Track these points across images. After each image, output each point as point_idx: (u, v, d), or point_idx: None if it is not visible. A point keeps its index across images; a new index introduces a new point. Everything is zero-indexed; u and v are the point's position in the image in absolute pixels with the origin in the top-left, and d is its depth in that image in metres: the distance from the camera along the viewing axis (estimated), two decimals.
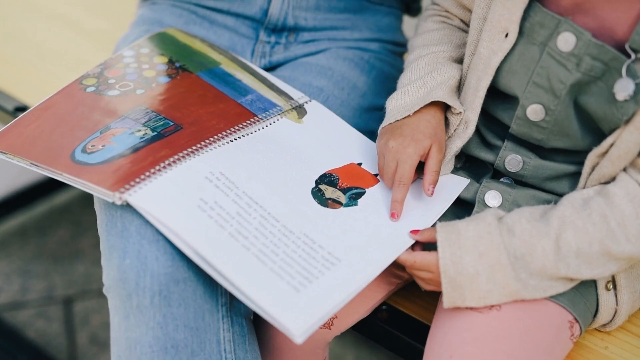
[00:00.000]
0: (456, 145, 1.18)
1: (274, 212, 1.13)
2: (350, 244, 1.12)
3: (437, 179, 1.17)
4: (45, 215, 2.52)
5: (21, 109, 1.59)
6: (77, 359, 2.05)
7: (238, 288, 1.03)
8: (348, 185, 1.21)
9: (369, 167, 1.25)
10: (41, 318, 2.16)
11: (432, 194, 1.16)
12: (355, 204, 1.19)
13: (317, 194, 1.19)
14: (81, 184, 1.10)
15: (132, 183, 1.09)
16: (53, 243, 2.41)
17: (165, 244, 1.10)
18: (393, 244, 1.13)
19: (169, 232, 1.08)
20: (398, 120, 1.19)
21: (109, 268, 1.13)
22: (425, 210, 1.18)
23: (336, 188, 1.20)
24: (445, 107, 1.21)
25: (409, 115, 1.18)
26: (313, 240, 1.11)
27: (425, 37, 1.28)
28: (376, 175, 1.23)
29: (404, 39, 1.55)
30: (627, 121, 1.03)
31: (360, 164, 1.25)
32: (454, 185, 1.21)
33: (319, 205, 1.17)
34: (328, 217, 1.16)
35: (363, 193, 1.20)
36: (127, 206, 1.11)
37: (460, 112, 1.17)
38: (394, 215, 1.16)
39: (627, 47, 1.02)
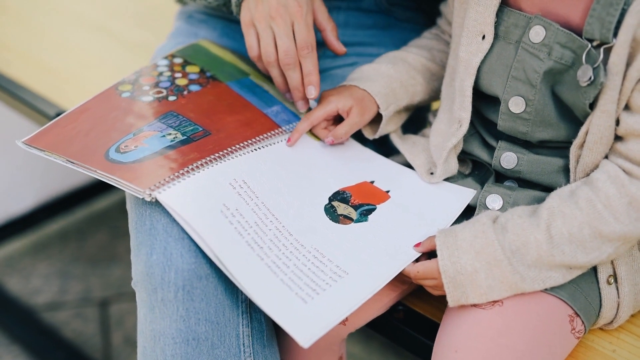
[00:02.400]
0: (451, 142, 1.22)
1: (288, 226, 1.17)
2: (358, 257, 1.15)
3: (341, 136, 1.29)
4: (84, 219, 2.55)
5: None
6: (111, 359, 2.08)
7: (249, 294, 1.07)
8: (360, 202, 1.24)
9: (382, 184, 1.28)
10: (78, 318, 2.20)
11: (329, 142, 1.29)
12: (366, 220, 1.22)
13: (330, 211, 1.22)
14: (114, 180, 1.13)
15: (161, 182, 1.13)
16: (91, 247, 2.44)
17: (190, 242, 1.13)
18: (399, 258, 1.16)
19: (192, 232, 1.11)
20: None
21: (137, 263, 1.16)
22: (431, 226, 1.20)
23: (348, 205, 1.24)
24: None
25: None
26: (323, 254, 1.15)
27: (415, 41, 1.39)
28: (387, 192, 1.27)
29: None
30: (594, 106, 1.08)
31: (372, 182, 1.29)
32: (460, 198, 1.24)
33: (331, 221, 1.21)
34: (339, 233, 1.19)
35: (374, 209, 1.24)
36: (156, 206, 1.15)
37: (381, 115, 1.29)
38: (289, 140, 1.28)
39: (583, 37, 1.07)
